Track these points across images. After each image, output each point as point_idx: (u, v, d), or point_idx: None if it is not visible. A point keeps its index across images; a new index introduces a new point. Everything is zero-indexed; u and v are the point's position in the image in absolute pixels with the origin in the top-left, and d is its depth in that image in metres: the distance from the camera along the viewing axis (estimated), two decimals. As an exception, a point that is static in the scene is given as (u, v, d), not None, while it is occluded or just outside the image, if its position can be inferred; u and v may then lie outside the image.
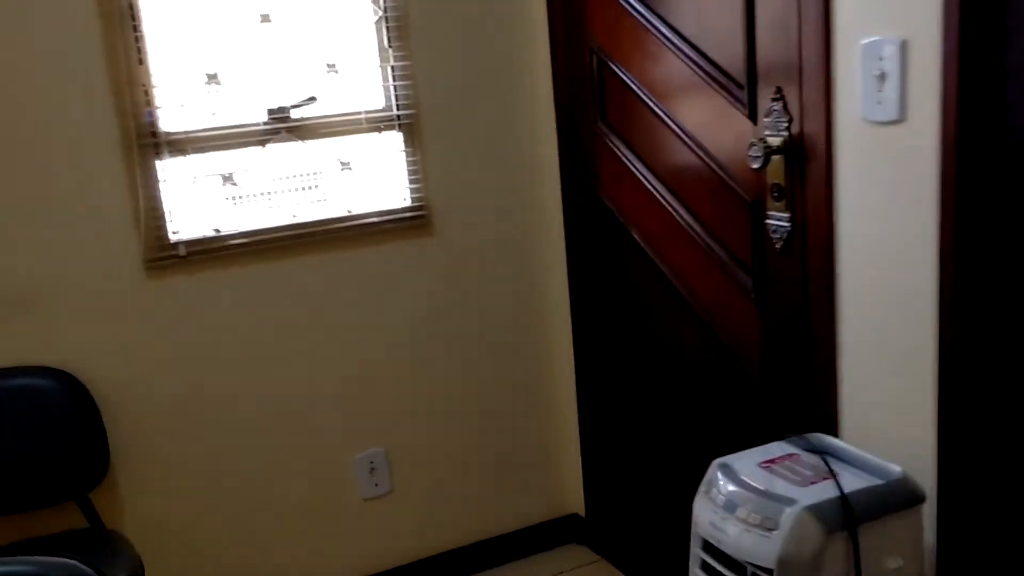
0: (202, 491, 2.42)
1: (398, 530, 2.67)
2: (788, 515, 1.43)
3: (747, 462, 1.61)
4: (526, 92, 2.60)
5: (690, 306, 2.17)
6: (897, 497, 1.48)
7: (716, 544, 1.53)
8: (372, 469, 2.62)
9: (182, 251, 2.30)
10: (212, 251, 2.33)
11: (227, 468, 2.44)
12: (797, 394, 1.87)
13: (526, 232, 2.68)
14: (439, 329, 2.62)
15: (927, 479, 1.54)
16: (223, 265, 2.36)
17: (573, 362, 2.72)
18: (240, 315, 2.39)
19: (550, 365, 2.78)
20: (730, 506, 1.52)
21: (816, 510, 1.43)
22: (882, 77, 1.53)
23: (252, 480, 2.47)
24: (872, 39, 1.53)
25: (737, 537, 1.49)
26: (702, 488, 1.61)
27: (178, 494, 2.39)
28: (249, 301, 2.40)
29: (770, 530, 1.44)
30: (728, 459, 1.63)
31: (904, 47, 1.48)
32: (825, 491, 1.47)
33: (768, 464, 1.59)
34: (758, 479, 1.54)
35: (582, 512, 2.85)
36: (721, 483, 1.56)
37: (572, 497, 2.88)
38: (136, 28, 2.19)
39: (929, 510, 1.54)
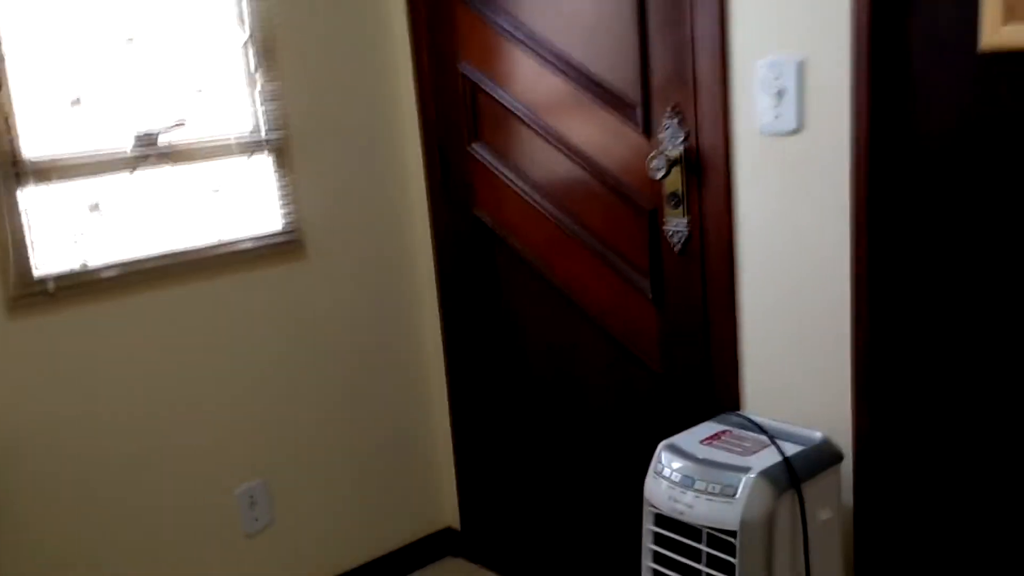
0: (73, 536, 2.24)
1: (282, 562, 2.60)
2: (746, 481, 1.60)
3: (690, 440, 1.77)
4: (394, 114, 2.65)
5: (581, 311, 2.31)
6: (824, 457, 1.70)
7: (677, 516, 1.68)
8: (252, 503, 2.54)
9: (50, 287, 2.14)
10: (81, 286, 2.18)
11: (100, 512, 2.27)
12: (700, 383, 2.06)
13: (398, 252, 2.72)
14: (314, 353, 2.60)
15: (842, 441, 1.78)
16: (93, 300, 2.21)
17: (446, 378, 2.79)
18: (111, 351, 2.25)
19: (425, 382, 2.83)
20: (687, 481, 1.67)
21: (767, 475, 1.61)
22: (779, 93, 1.75)
23: (127, 524, 2.32)
24: (769, 59, 1.76)
25: (698, 507, 1.64)
26: (652, 469, 1.75)
27: (46, 538, 2.20)
28: (121, 336, 2.26)
29: (730, 496, 1.60)
30: (672, 440, 1.78)
31: (801, 66, 1.71)
32: (769, 457, 1.66)
33: (709, 441, 1.76)
34: (706, 454, 1.71)
35: (457, 525, 2.91)
36: (673, 461, 1.71)
37: (448, 511, 2.93)
38: (-6, 48, 2.02)
39: (846, 468, 1.78)
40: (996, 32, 1.34)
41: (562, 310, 2.37)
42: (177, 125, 2.31)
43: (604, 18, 2.07)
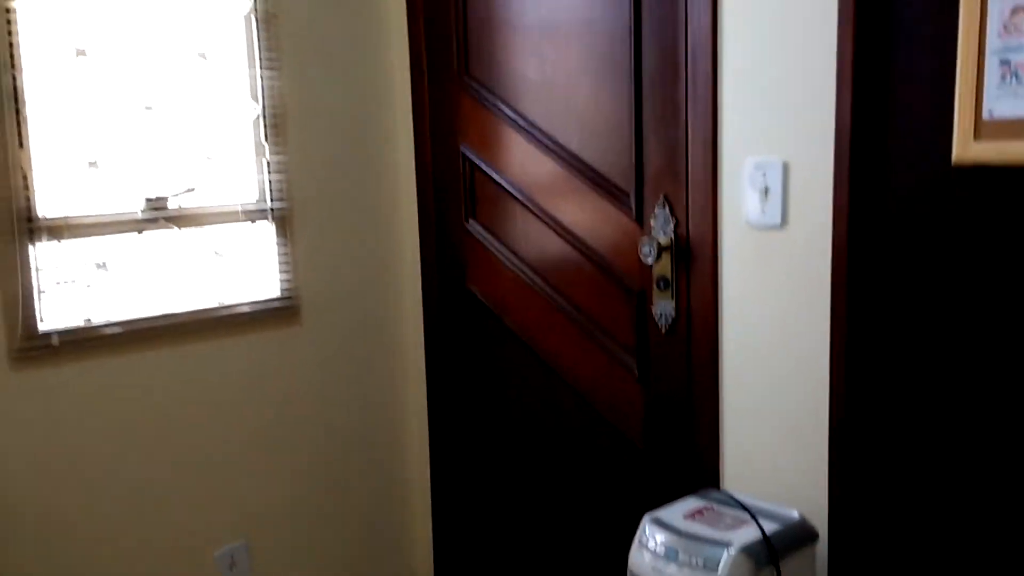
0: (60, 599, 2.26)
1: (259, 627, 2.62)
2: (727, 557, 1.68)
3: (674, 514, 1.85)
4: (394, 189, 2.76)
5: (568, 385, 2.40)
6: (800, 535, 1.78)
7: (660, 588, 1.74)
8: (232, 564, 2.56)
9: (55, 341, 2.19)
10: (84, 342, 2.24)
11: (85, 563, 2.29)
12: (682, 459, 2.15)
13: (390, 322, 2.80)
14: (302, 417, 2.65)
15: (817, 520, 1.87)
16: (94, 356, 2.26)
17: (428, 447, 2.84)
18: (106, 408, 2.29)
19: (407, 451, 2.88)
20: (671, 553, 1.74)
21: (747, 551, 1.69)
22: (765, 190, 1.88)
23: (113, 583, 2.34)
24: (757, 158, 1.89)
25: (680, 580, 1.71)
26: (637, 541, 1.82)
27: (34, 605, 2.21)
28: (117, 394, 2.31)
29: (712, 570, 1.68)
30: (657, 513, 1.85)
31: (786, 166, 1.85)
32: (749, 534, 1.74)
33: (692, 515, 1.84)
34: (690, 528, 1.78)
35: (433, 594, 2.94)
36: (657, 534, 1.79)
37: (423, 579, 2.97)
38: (19, 111, 2.11)
39: (821, 546, 1.86)
40: (967, 148, 1.48)
41: (549, 384, 2.46)
42: (187, 191, 2.40)
43: (601, 111, 2.21)
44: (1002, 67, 1.43)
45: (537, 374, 2.49)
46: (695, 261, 2.05)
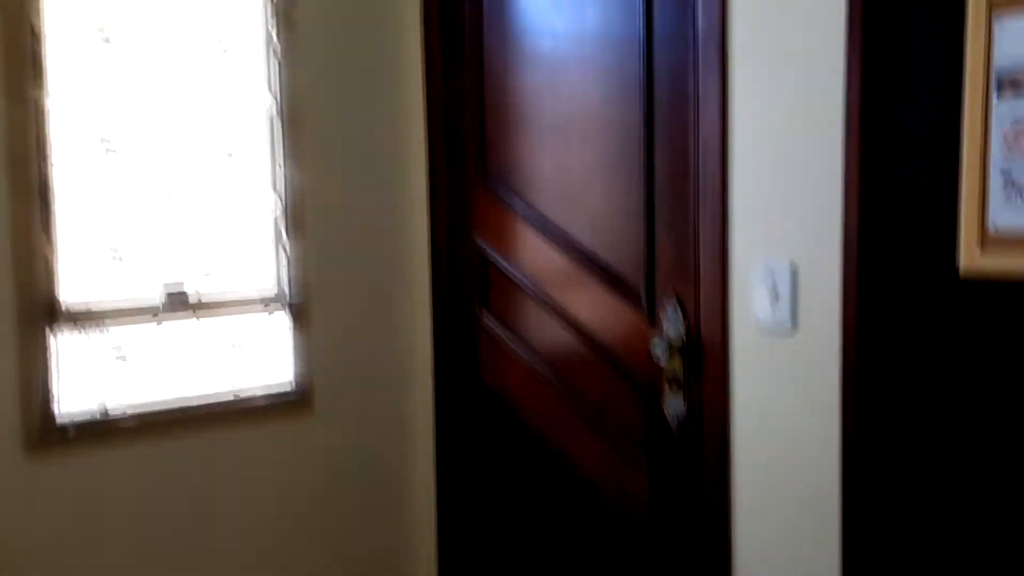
0: None
1: None
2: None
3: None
4: (409, 281, 2.79)
5: (578, 478, 2.39)
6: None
7: None
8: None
9: (70, 431, 2.21)
10: (99, 432, 2.26)
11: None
12: (691, 557, 2.12)
13: (402, 414, 2.80)
14: (313, 510, 2.64)
15: (829, 628, 1.83)
16: (108, 446, 2.28)
17: (437, 539, 2.82)
18: (118, 499, 2.30)
19: (417, 541, 2.86)
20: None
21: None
22: (775, 293, 1.90)
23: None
24: (766, 261, 1.91)
25: None
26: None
27: None
28: (129, 485, 2.31)
29: None
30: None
31: (795, 270, 1.86)
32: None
33: (702, 623, 1.81)
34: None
35: None
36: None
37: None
38: (46, 202, 2.17)
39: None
40: (973, 260, 1.50)
41: (559, 477, 2.45)
42: (206, 280, 2.45)
43: (614, 209, 2.24)
44: (1005, 182, 1.45)
45: (547, 467, 2.48)
46: (706, 360, 2.05)
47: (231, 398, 2.48)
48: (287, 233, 2.56)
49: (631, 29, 2.15)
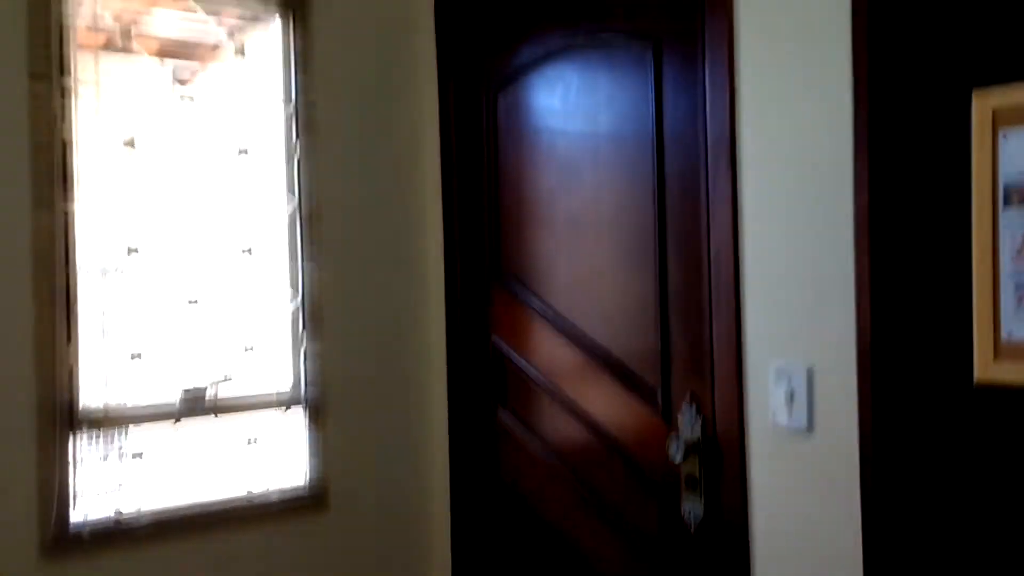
0: None
1: None
2: None
3: None
4: (426, 380, 2.81)
5: (597, 583, 2.36)
6: None
7: None
8: None
9: (85, 535, 2.21)
10: (115, 535, 2.26)
11: None
12: (714, 667, 2.08)
13: (418, 515, 2.79)
14: (328, 609, 2.62)
15: None
16: (124, 549, 2.28)
17: (455, 639, 2.78)
18: (133, 601, 2.29)
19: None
20: None
21: None
22: (791, 394, 1.90)
23: None
24: (781, 362, 1.91)
25: None
26: None
27: None
28: (145, 587, 2.31)
29: None
30: None
31: (810, 371, 1.86)
32: None
33: None
34: None
35: None
36: None
37: None
38: (70, 308, 2.21)
39: None
40: (987, 368, 1.50)
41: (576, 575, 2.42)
42: (224, 380, 2.47)
43: (628, 308, 2.26)
44: (1018, 291, 1.46)
45: (565, 567, 2.45)
46: (724, 461, 2.04)
47: (246, 499, 2.47)
48: (306, 332, 2.59)
49: (643, 132, 2.20)
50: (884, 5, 1.66)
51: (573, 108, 2.39)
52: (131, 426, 2.32)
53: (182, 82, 2.44)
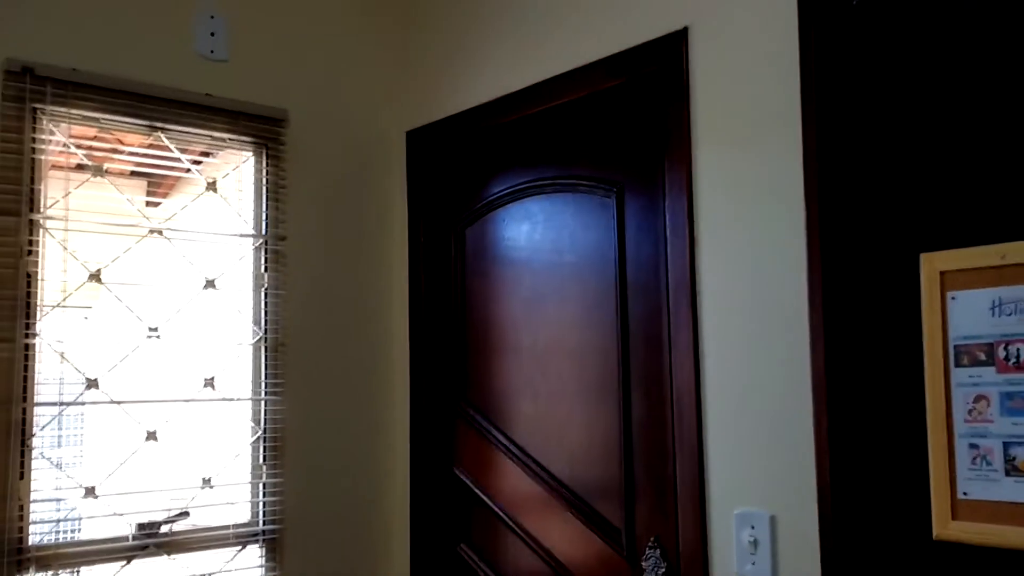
0: None
1: None
2: None
3: None
4: (387, 519, 2.76)
5: None
6: None
7: None
8: None
9: None
10: None
11: None
12: None
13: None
14: None
15: None
16: None
17: None
18: None
19: None
20: None
21: None
22: (754, 543, 1.89)
23: None
24: (744, 510, 1.91)
25: None
26: None
27: None
28: None
29: None
30: None
31: (773, 520, 1.86)
32: None
33: None
34: None
35: None
36: None
37: None
38: (24, 443, 2.17)
39: None
40: (945, 526, 1.51)
41: None
42: (181, 515, 2.41)
43: (593, 445, 2.26)
44: (971, 451, 1.48)
45: None
46: (688, 608, 2.01)
47: (199, 640, 2.39)
48: (265, 463, 2.55)
49: (606, 272, 2.24)
50: (835, 166, 1.73)
51: (539, 244, 2.44)
52: (82, 565, 2.24)
53: (151, 212, 2.46)
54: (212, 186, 2.54)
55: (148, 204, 2.51)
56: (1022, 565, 1.46)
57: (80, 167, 2.33)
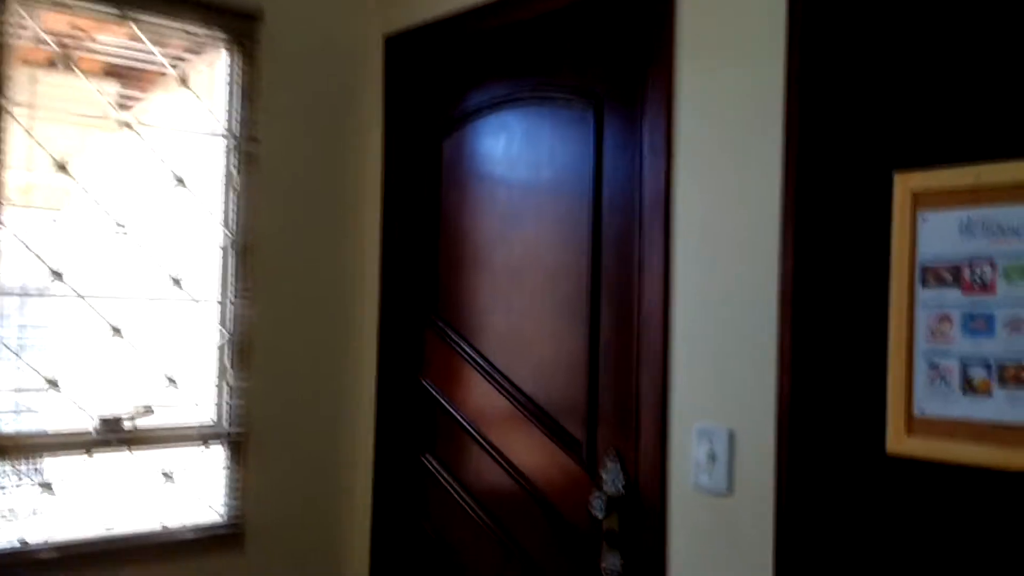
0: None
1: None
2: None
3: None
4: (353, 420, 2.78)
5: (513, 636, 2.34)
6: None
7: None
8: None
9: (-14, 566, 2.13)
10: (18, 565, 2.18)
11: None
12: None
13: (335, 556, 2.74)
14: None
15: None
16: (27, 581, 2.20)
17: None
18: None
19: None
20: None
21: None
22: (712, 456, 1.93)
23: None
24: (704, 424, 1.95)
25: None
26: None
27: None
28: (45, 622, 2.23)
29: None
30: None
31: (732, 435, 1.90)
32: None
33: None
34: None
35: None
36: None
37: None
38: (-13, 331, 2.15)
39: None
40: (900, 441, 1.54)
41: (494, 632, 2.40)
42: (145, 411, 2.41)
43: (559, 360, 2.28)
44: (931, 369, 1.51)
45: (483, 620, 2.43)
46: (645, 519, 2.05)
47: (159, 533, 2.41)
48: (232, 366, 2.55)
49: (583, 189, 2.23)
50: (816, 86, 1.72)
51: (516, 158, 2.42)
52: (44, 455, 2.24)
53: (123, 107, 2.41)
54: (184, 82, 2.49)
55: (121, 106, 2.44)
56: (969, 480, 1.50)
57: (51, 63, 2.27)
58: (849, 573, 1.70)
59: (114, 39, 2.38)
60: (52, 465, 2.27)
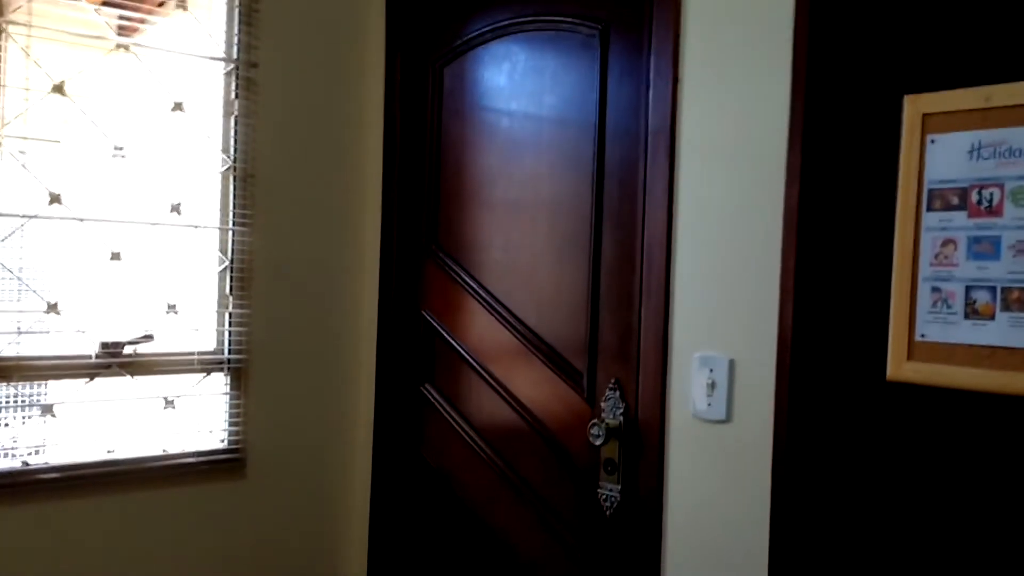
0: None
1: None
2: None
3: None
4: (353, 352, 2.78)
5: (513, 562, 2.37)
6: None
7: None
8: None
9: (-11, 485, 2.15)
10: (20, 485, 2.19)
11: None
12: (619, 649, 2.10)
13: (336, 486, 2.76)
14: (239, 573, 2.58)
15: None
16: (29, 500, 2.21)
17: (366, 612, 2.77)
18: (41, 554, 2.23)
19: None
20: None
21: None
22: (712, 385, 1.93)
23: None
24: (704, 353, 1.94)
25: None
26: None
27: None
28: (53, 540, 2.24)
29: None
30: None
31: (732, 364, 1.89)
32: None
33: None
34: None
35: None
36: None
37: None
38: (-14, 252, 2.14)
39: None
40: (900, 367, 1.54)
41: (494, 557, 2.42)
42: (145, 338, 2.41)
43: (560, 292, 2.27)
44: (933, 294, 1.50)
45: (484, 547, 2.45)
46: (643, 447, 2.06)
47: (161, 458, 2.42)
48: (232, 294, 2.54)
49: (586, 118, 2.20)
50: (826, 9, 1.68)
51: (519, 87, 2.38)
52: (44, 379, 2.25)
53: (121, 31, 2.37)
54: (183, 4, 2.44)
55: (120, 28, 2.40)
56: (968, 405, 1.49)
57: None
58: (847, 498, 1.71)
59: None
60: (54, 389, 2.27)
